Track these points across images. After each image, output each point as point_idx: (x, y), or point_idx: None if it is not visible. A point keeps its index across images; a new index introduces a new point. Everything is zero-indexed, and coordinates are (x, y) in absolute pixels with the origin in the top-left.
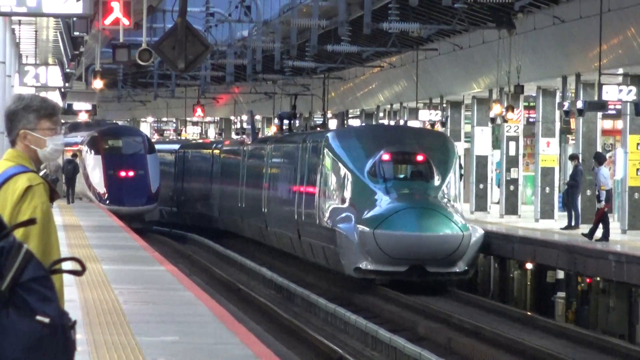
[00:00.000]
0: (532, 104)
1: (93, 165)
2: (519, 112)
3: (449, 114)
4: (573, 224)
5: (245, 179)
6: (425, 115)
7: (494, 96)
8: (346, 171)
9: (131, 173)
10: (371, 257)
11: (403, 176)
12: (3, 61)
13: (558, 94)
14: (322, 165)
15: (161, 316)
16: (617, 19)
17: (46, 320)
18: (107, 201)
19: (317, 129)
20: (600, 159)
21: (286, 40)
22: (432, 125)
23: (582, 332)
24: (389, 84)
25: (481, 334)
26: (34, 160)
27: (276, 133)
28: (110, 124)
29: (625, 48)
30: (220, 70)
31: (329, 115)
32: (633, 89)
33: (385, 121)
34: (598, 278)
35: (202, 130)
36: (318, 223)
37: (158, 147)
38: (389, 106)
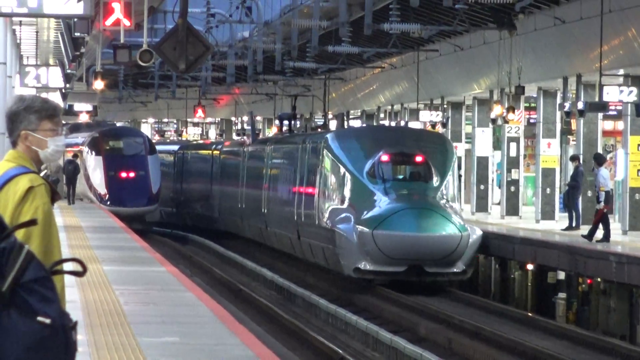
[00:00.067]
0: (533, 105)
1: (94, 166)
2: (520, 113)
3: (450, 115)
4: (574, 225)
5: (245, 180)
6: (426, 116)
7: (495, 97)
8: (345, 172)
9: (132, 174)
10: (370, 258)
11: (402, 177)
12: (4, 62)
13: (559, 95)
14: (322, 166)
15: (162, 317)
16: (618, 20)
17: (47, 321)
18: (108, 202)
19: (318, 130)
20: (599, 160)
21: (287, 41)
22: (433, 126)
23: (583, 333)
24: (390, 85)
25: (482, 335)
26: (35, 161)
27: (276, 134)
28: (110, 125)
29: (626, 49)
30: (221, 71)
31: (330, 116)
32: (634, 90)
33: (386, 122)
34: (599, 279)
35: (203, 131)
36: (317, 224)
37: (157, 148)
38: (390, 107)
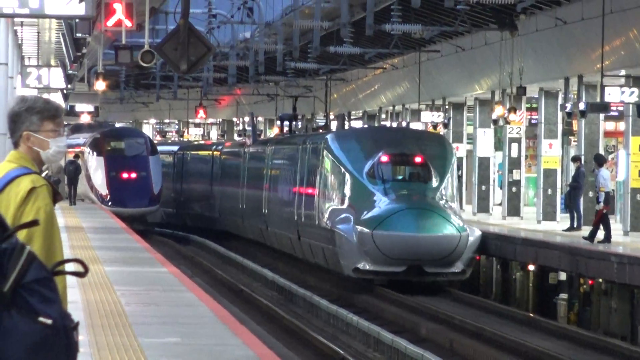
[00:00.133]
0: (535, 106)
1: (95, 166)
2: (521, 114)
3: (451, 116)
4: (575, 226)
5: (246, 180)
6: (427, 116)
7: (496, 98)
8: (345, 172)
9: (133, 174)
10: (370, 258)
11: (401, 177)
12: (5, 63)
13: (560, 96)
14: (322, 166)
15: (163, 317)
16: (619, 21)
17: (48, 321)
18: (109, 202)
19: (320, 131)
20: (600, 161)
21: (288, 41)
22: (435, 126)
23: (584, 334)
24: (391, 86)
25: (483, 336)
26: (37, 161)
27: (277, 135)
28: (110, 126)
29: (627, 50)
30: (222, 71)
31: (332, 116)
32: (635, 91)
33: (387, 123)
34: (600, 280)
35: (205, 131)
36: (317, 224)
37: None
38: (391, 108)
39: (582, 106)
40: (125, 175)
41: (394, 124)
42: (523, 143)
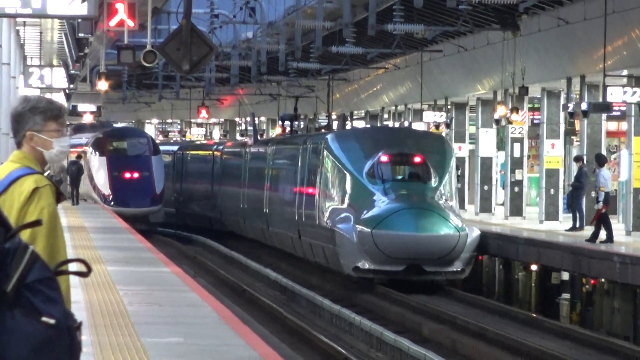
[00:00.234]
0: (537, 106)
1: (98, 166)
2: (524, 114)
3: (454, 116)
4: (577, 226)
5: (247, 180)
6: (429, 116)
7: (499, 98)
8: (345, 172)
9: (136, 174)
10: (369, 257)
11: (401, 177)
12: (8, 62)
13: (562, 96)
14: (322, 166)
15: (166, 317)
16: (622, 21)
17: (51, 321)
18: (112, 202)
19: (322, 131)
20: (600, 160)
21: (291, 41)
22: (437, 126)
23: (587, 334)
24: (394, 86)
25: (486, 336)
26: (40, 161)
27: (279, 135)
28: (112, 125)
29: (629, 50)
30: (224, 71)
31: (334, 116)
32: (637, 91)
33: (390, 123)
34: (603, 279)
35: (207, 131)
36: (318, 223)
37: None
38: (394, 108)
39: (585, 106)
40: (127, 175)
41: (396, 124)
42: (525, 143)
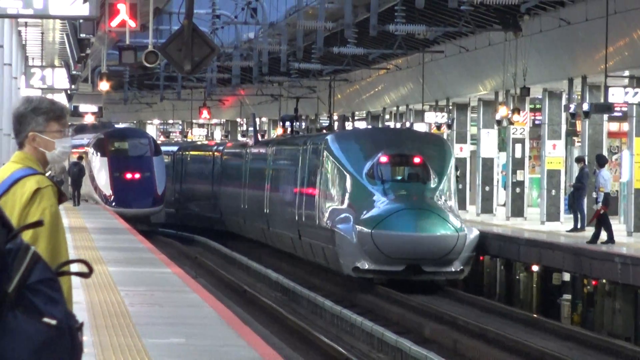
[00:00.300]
0: (538, 106)
1: (99, 167)
2: (525, 115)
3: (455, 116)
4: (579, 227)
5: (248, 181)
6: (431, 117)
7: (500, 98)
8: (345, 173)
9: (137, 175)
10: (369, 257)
11: (400, 178)
12: (9, 63)
13: (564, 96)
14: (322, 167)
15: (167, 318)
16: (623, 21)
17: (53, 322)
18: (113, 203)
19: (324, 131)
20: (600, 161)
21: (292, 42)
22: (439, 127)
23: (588, 335)
24: (395, 86)
25: (487, 336)
26: (42, 162)
27: (280, 135)
28: (113, 126)
29: (631, 50)
30: (226, 72)
31: (335, 117)
32: (639, 91)
33: (391, 123)
34: (604, 280)
35: (208, 132)
36: (318, 224)
37: None
38: (395, 108)
39: (586, 107)
40: (129, 175)
41: (398, 125)
42: (527, 144)
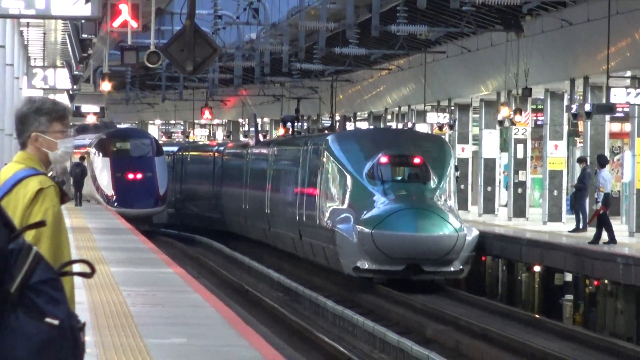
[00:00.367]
0: (540, 107)
1: (101, 167)
2: (527, 115)
3: (457, 117)
4: (581, 227)
5: (249, 181)
6: (433, 117)
7: (502, 99)
8: (345, 173)
9: (139, 175)
10: (369, 257)
11: (400, 178)
12: (11, 63)
13: (566, 97)
14: (323, 167)
15: (169, 318)
16: (625, 22)
17: (55, 322)
18: (115, 203)
19: (325, 132)
20: (601, 161)
21: (294, 42)
22: (440, 127)
23: (590, 335)
24: (397, 87)
25: (489, 337)
26: (44, 162)
27: (280, 136)
28: (115, 126)
29: (633, 51)
30: (228, 72)
31: (337, 117)
32: None
33: (393, 124)
34: (606, 281)
35: (210, 132)
36: (318, 224)
37: None
38: (397, 109)
39: (588, 107)
40: (131, 176)
41: (400, 125)
42: (529, 144)
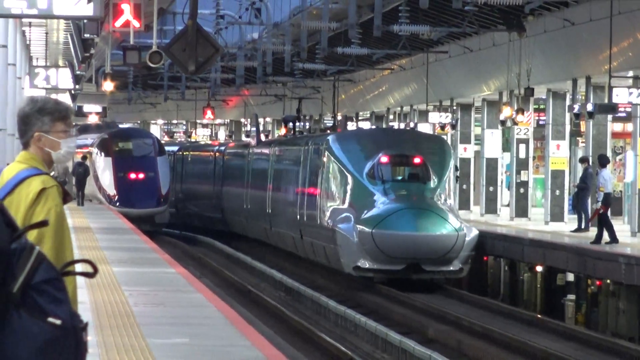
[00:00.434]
0: (542, 107)
1: (103, 167)
2: (529, 115)
3: (459, 117)
4: (583, 227)
5: (250, 181)
6: (435, 117)
7: (504, 99)
8: (346, 173)
9: (141, 175)
10: (370, 256)
11: (400, 178)
12: (14, 63)
13: (568, 97)
14: (323, 167)
15: (171, 318)
16: (628, 22)
17: (58, 322)
18: (117, 203)
19: (328, 132)
20: (602, 161)
21: (296, 42)
22: (443, 127)
23: (592, 335)
24: (399, 87)
25: (491, 337)
26: (47, 162)
27: (281, 136)
28: (117, 126)
29: (635, 51)
30: (230, 72)
31: (339, 117)
32: None
33: (395, 124)
34: (608, 280)
35: (212, 132)
36: (319, 223)
37: None
38: (399, 109)
39: (590, 107)
40: (133, 175)
41: (402, 125)
42: (531, 144)
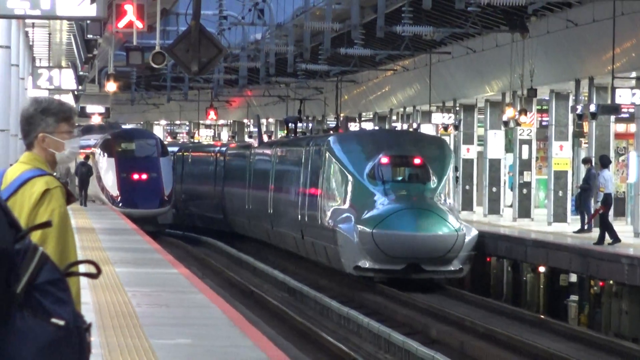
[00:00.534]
0: (545, 108)
1: (106, 167)
2: (532, 116)
3: (462, 117)
4: (586, 228)
5: (252, 182)
6: (438, 118)
7: (507, 99)
8: (347, 174)
9: (144, 176)
10: (370, 256)
11: (401, 178)
12: (17, 64)
13: (571, 98)
14: (324, 168)
15: (174, 319)
16: (631, 23)
17: (61, 322)
18: (120, 204)
19: (330, 132)
20: (603, 162)
21: (299, 43)
22: (445, 128)
23: (595, 336)
24: (402, 87)
25: (494, 337)
26: (50, 163)
27: (283, 137)
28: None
29: (638, 51)
30: (233, 73)
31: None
32: None
33: (398, 124)
34: (611, 281)
35: (215, 133)
36: (320, 223)
37: None
38: (402, 109)
39: (593, 108)
40: (136, 176)
41: (405, 126)
42: (534, 145)
